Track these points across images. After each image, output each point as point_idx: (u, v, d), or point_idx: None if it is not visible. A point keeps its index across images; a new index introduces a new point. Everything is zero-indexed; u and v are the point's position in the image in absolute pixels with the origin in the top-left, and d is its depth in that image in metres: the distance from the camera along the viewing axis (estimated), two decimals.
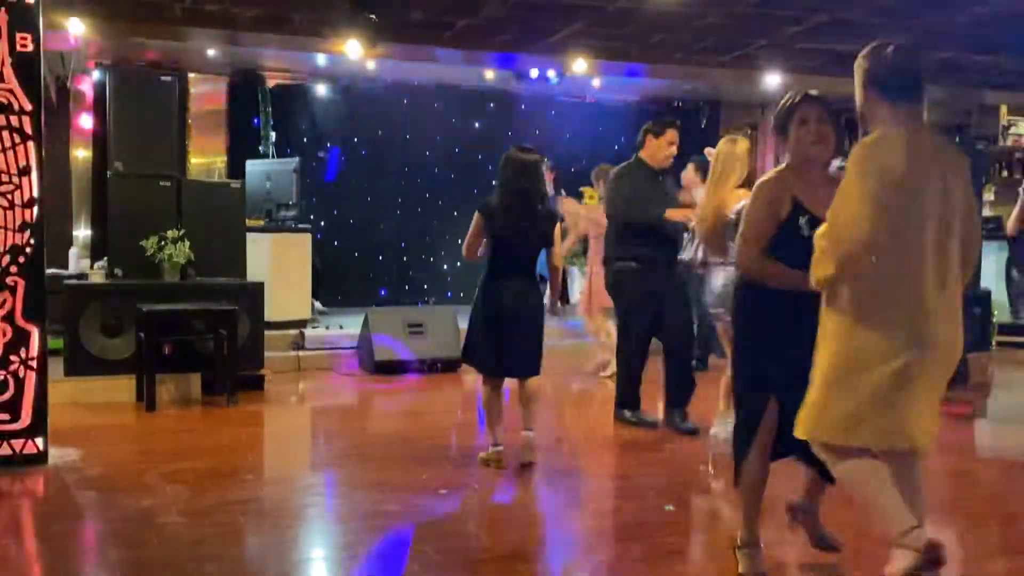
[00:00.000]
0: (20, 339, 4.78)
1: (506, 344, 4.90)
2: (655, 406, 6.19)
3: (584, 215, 8.28)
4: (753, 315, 3.29)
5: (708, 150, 5.76)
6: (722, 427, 5.32)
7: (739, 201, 5.13)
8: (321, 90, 11.24)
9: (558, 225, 5.10)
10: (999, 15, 7.97)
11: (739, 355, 3.42)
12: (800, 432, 2.95)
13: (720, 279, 5.26)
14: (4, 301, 4.73)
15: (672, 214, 5.67)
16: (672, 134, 5.97)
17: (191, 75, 10.55)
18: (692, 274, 5.69)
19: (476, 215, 5.00)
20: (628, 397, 6.10)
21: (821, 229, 2.87)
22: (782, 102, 3.33)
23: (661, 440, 5.74)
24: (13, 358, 4.77)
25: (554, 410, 5.06)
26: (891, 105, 2.87)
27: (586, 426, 6.54)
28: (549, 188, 10.01)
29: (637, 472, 5.16)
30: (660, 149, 5.97)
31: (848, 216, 2.77)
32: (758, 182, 3.33)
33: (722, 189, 5.12)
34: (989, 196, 11.29)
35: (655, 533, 4.08)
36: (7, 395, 4.78)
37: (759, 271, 3.19)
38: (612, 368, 8.02)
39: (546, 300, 5.27)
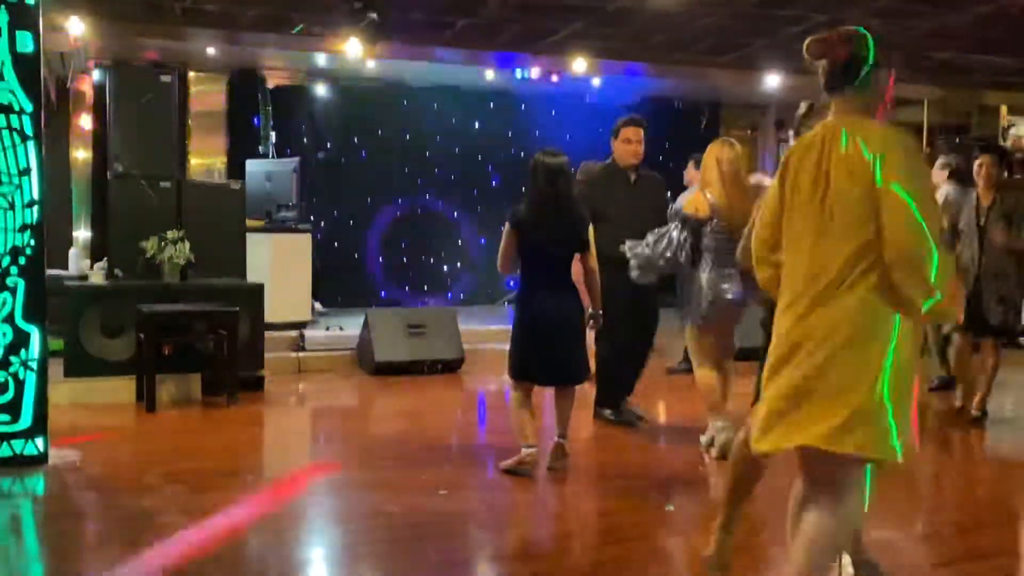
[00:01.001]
0: (20, 340, 4.78)
1: (548, 354, 4.82)
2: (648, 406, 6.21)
3: None
4: None
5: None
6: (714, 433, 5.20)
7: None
8: (321, 90, 11.24)
9: (591, 227, 4.98)
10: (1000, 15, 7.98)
11: None
12: None
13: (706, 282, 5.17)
14: (4, 302, 4.74)
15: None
16: (628, 131, 5.98)
17: (191, 75, 10.55)
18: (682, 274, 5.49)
19: (507, 227, 4.87)
20: (606, 397, 6.14)
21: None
22: (797, 113, 3.42)
23: (660, 440, 5.74)
24: (13, 359, 4.77)
25: (549, 411, 5.06)
26: (829, 96, 2.82)
27: (584, 426, 6.53)
28: None
29: (637, 472, 5.16)
30: (619, 149, 6.03)
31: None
32: None
33: (740, 189, 5.06)
34: None
35: (655, 533, 4.08)
36: (8, 396, 4.77)
37: None
38: None
39: None
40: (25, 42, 4.71)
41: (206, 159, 10.97)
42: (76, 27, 8.13)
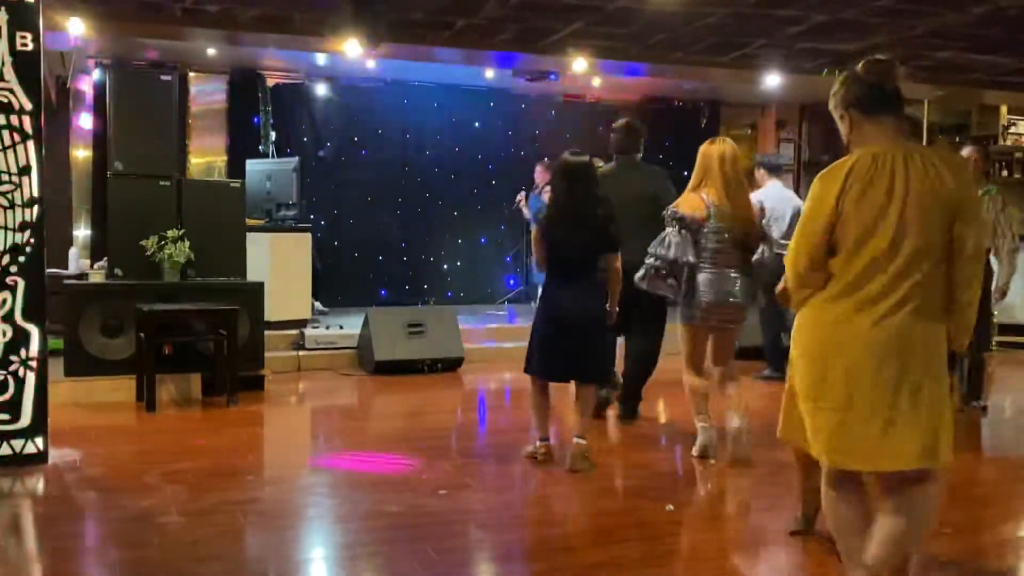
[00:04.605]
0: (20, 339, 4.78)
1: (564, 349, 4.90)
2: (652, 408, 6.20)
3: None
4: None
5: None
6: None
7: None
8: (321, 89, 11.24)
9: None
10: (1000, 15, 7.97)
11: None
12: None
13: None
14: (4, 301, 4.74)
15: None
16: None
17: (191, 74, 10.56)
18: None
19: (534, 227, 5.07)
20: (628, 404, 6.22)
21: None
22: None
23: (661, 440, 5.74)
24: (13, 358, 4.77)
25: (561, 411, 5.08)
26: (868, 121, 2.91)
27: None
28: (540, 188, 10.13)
29: (637, 472, 5.16)
30: None
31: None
32: None
33: (743, 190, 5.21)
34: None
35: (656, 533, 4.08)
36: (7, 395, 4.78)
37: None
38: None
39: None
40: (25, 41, 4.71)
41: (206, 158, 10.97)
42: (76, 26, 8.12)
